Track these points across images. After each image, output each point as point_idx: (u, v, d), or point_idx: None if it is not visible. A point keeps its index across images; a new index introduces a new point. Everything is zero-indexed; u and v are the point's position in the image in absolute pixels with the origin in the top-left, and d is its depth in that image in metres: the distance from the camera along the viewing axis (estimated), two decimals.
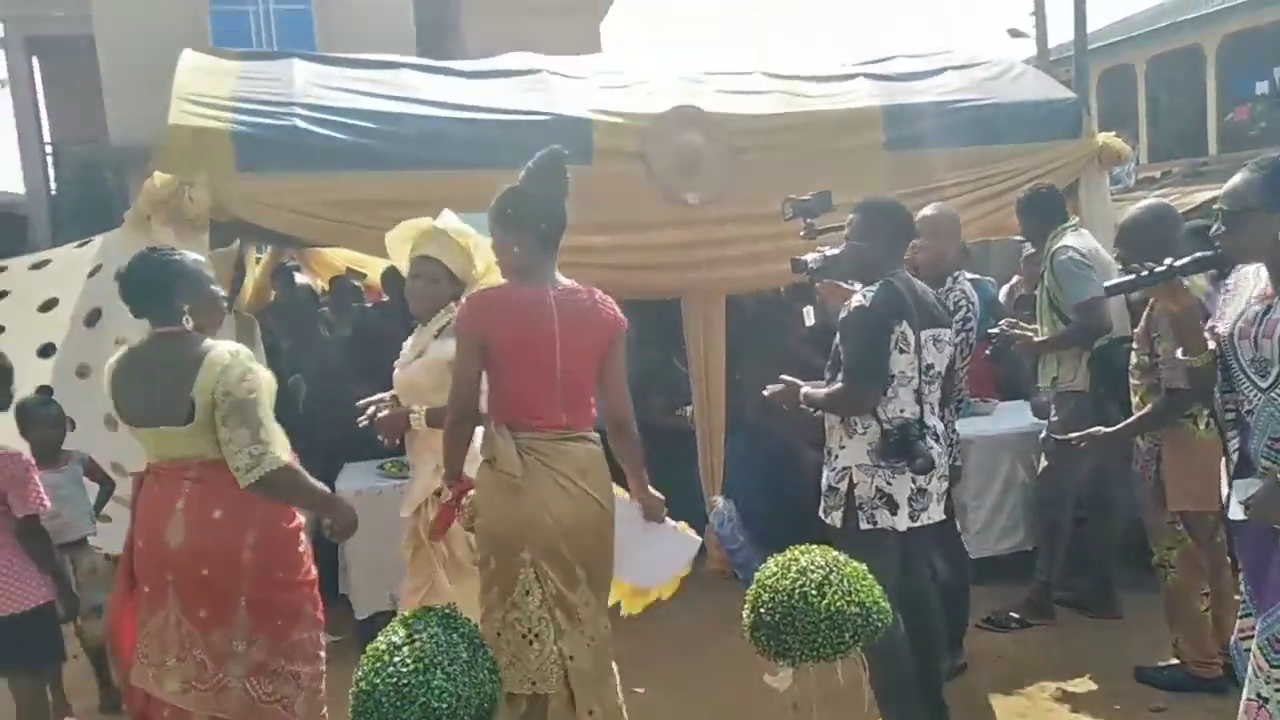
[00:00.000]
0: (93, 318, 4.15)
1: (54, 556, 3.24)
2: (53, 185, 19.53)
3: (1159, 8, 18.93)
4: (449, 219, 3.36)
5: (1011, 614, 4.32)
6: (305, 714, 2.74)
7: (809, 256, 3.63)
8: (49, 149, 19.49)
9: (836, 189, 4.03)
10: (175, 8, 14.25)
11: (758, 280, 4.90)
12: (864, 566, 2.91)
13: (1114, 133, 5.42)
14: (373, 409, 3.38)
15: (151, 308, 2.68)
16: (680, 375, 5.05)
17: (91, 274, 4.25)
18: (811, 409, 3.26)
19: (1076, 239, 4.10)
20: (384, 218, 3.65)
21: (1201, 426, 3.37)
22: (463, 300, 2.85)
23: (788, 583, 2.79)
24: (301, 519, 2.80)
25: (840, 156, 4.71)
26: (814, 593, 2.75)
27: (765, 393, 3.39)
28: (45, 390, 3.94)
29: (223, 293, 2.90)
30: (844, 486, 3.11)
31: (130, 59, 13.13)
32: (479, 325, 2.75)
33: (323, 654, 2.83)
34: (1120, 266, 3.77)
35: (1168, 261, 2.58)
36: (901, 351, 3.05)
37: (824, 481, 3.21)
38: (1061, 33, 16.26)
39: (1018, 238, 5.77)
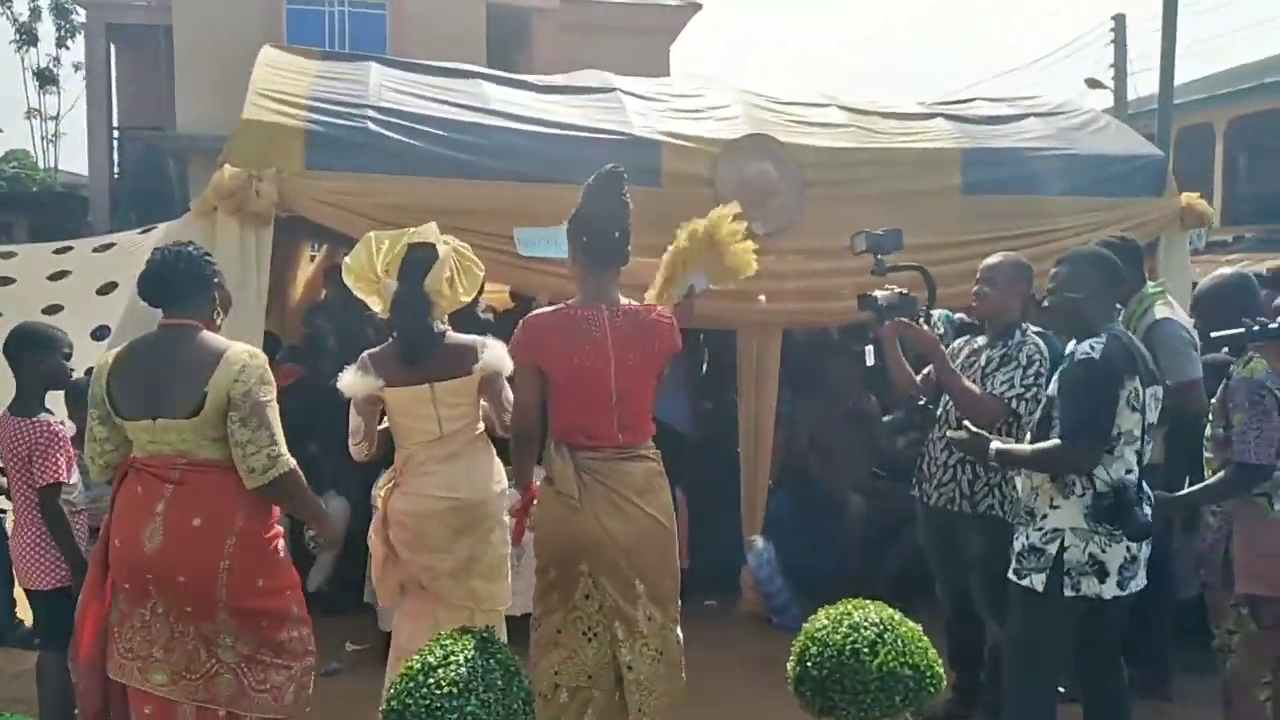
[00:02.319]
0: None
1: (71, 537, 3.22)
2: (115, 169, 19.96)
3: (1243, 68, 18.55)
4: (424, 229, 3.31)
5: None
6: (294, 704, 2.73)
7: (879, 293, 3.53)
8: (115, 134, 19.93)
9: (908, 230, 3.92)
10: (253, 3, 14.51)
11: (815, 316, 4.80)
12: (919, 627, 2.81)
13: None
14: None
15: (167, 299, 2.65)
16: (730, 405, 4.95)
17: None
18: (1006, 467, 3.14)
19: (1170, 310, 3.90)
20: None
21: (1276, 506, 3.21)
22: (519, 324, 2.86)
23: (839, 638, 2.72)
24: (280, 529, 2.75)
25: (914, 197, 4.62)
26: (866, 651, 2.67)
27: (951, 435, 3.29)
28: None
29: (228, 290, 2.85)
30: (1053, 549, 2.97)
31: (203, 51, 13.39)
32: (532, 350, 2.78)
33: (312, 648, 2.80)
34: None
35: None
36: (1134, 409, 2.91)
37: (1021, 542, 3.05)
38: (1139, 86, 15.94)
39: None
